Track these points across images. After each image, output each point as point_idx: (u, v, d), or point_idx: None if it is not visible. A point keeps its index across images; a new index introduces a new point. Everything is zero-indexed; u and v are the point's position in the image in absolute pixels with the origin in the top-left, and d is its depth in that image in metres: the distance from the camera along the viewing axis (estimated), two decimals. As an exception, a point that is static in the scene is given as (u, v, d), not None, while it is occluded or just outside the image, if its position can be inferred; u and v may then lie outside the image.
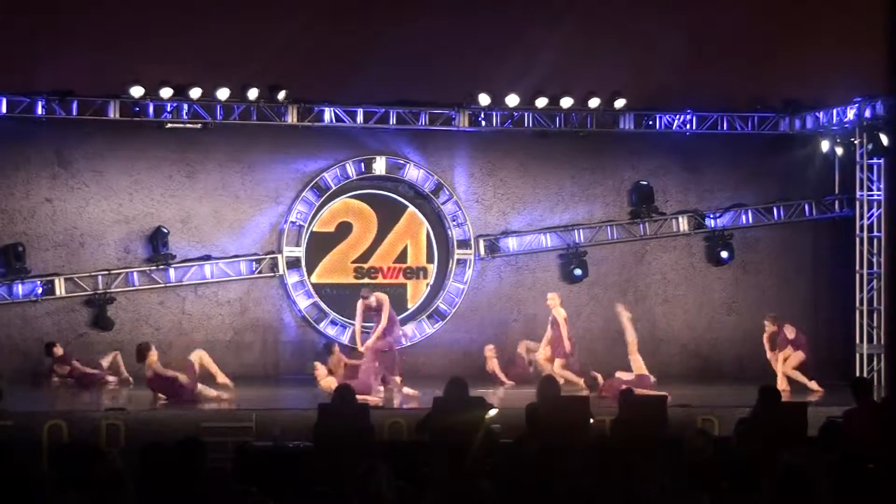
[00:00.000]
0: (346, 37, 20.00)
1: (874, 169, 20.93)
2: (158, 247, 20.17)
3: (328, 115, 20.10)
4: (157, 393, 16.70)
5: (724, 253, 21.81)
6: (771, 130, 21.39)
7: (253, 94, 19.42)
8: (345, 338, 20.26)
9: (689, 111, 21.05)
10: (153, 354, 16.83)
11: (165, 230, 20.23)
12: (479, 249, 21.33)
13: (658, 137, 21.51)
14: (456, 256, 21.24)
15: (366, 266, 21.12)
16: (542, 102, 20.32)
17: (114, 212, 20.28)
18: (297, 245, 20.77)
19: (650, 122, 21.09)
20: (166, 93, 19.02)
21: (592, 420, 13.02)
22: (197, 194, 20.57)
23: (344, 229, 21.16)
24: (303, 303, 20.71)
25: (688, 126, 21.14)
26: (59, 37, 19.08)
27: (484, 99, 20.10)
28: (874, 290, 20.74)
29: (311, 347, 20.29)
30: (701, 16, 20.57)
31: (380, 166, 21.04)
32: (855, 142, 20.85)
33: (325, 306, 20.69)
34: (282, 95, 19.57)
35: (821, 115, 20.99)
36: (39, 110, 19.10)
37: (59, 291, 19.91)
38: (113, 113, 19.33)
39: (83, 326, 20.00)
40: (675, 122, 21.13)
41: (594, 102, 20.41)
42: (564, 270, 21.50)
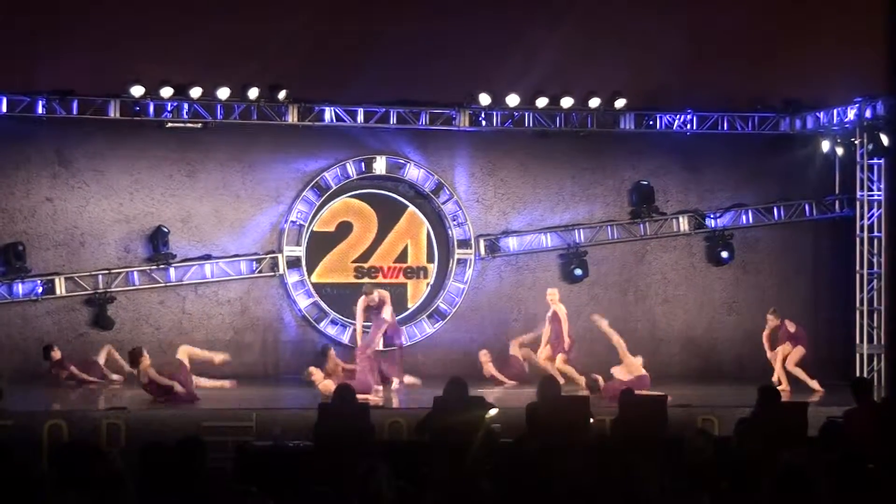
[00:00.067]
0: (347, 36, 20.01)
1: (874, 169, 20.92)
2: (159, 246, 20.17)
3: (328, 114, 20.09)
4: (154, 396, 16.69)
5: (724, 253, 21.80)
6: (771, 130, 21.38)
7: (253, 93, 19.42)
8: (345, 337, 20.26)
9: (689, 111, 21.04)
10: (146, 360, 16.72)
11: (166, 229, 20.23)
12: (479, 249, 21.32)
13: (658, 137, 21.50)
14: (456, 256, 21.23)
15: (366, 266, 21.11)
16: (542, 102, 20.31)
17: (114, 211, 20.28)
18: (298, 244, 20.77)
19: (650, 122, 21.09)
20: (167, 92, 19.02)
21: (592, 420, 13.02)
22: (197, 194, 20.57)
23: (344, 229, 21.15)
24: (303, 302, 20.70)
25: (688, 126, 21.14)
26: (59, 36, 19.08)
27: (484, 99, 20.09)
28: (874, 290, 20.74)
29: (312, 347, 20.30)
30: (701, 16, 20.57)
31: (380, 166, 21.04)
32: (855, 142, 20.84)
33: (325, 306, 20.68)
34: (282, 95, 19.57)
35: (821, 115, 20.98)
36: (40, 109, 19.10)
37: (59, 291, 19.91)
38: (113, 112, 19.33)
39: (83, 326, 20.00)
40: (676, 122, 21.13)
41: (594, 102, 20.40)
42: (565, 270, 21.50)
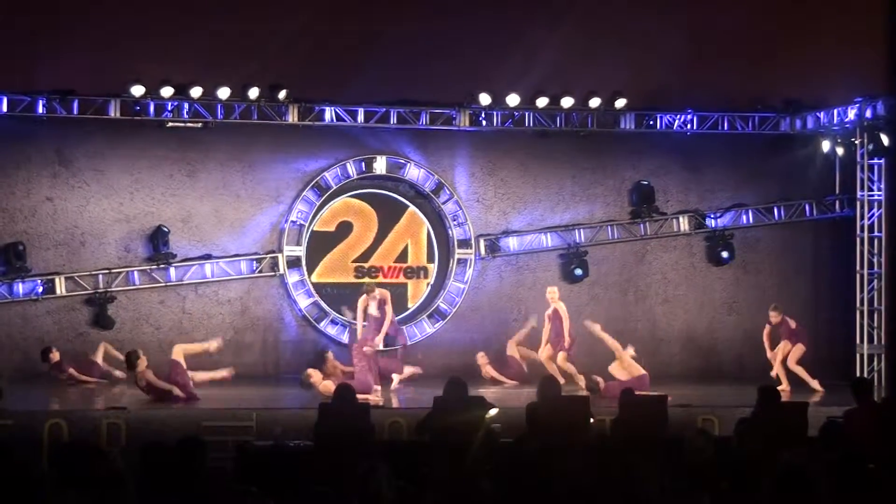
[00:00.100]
0: (347, 36, 20.01)
1: (875, 169, 20.92)
2: (159, 246, 20.17)
3: (329, 114, 20.09)
4: (154, 398, 16.64)
5: (724, 253, 21.80)
6: (772, 130, 21.38)
7: (254, 93, 19.42)
8: (345, 337, 20.25)
9: (689, 111, 21.04)
10: (143, 362, 16.63)
11: (166, 229, 20.23)
12: (479, 249, 21.32)
13: (659, 137, 21.50)
14: (456, 256, 21.23)
15: (366, 265, 21.11)
16: (542, 102, 20.31)
17: (114, 211, 20.28)
18: (298, 244, 20.76)
19: (651, 122, 21.08)
20: (167, 92, 19.02)
21: (593, 420, 13.02)
22: (198, 193, 20.57)
23: (344, 229, 21.16)
24: (303, 302, 20.70)
25: (688, 126, 21.14)
26: (59, 36, 19.09)
27: (485, 98, 20.09)
28: (875, 290, 20.73)
29: (312, 347, 20.30)
30: (701, 16, 20.57)
31: (380, 166, 21.04)
32: (855, 142, 20.84)
33: (325, 305, 20.68)
34: (282, 95, 19.57)
35: (821, 115, 20.98)
36: (40, 109, 19.11)
37: (59, 290, 19.91)
38: (114, 112, 19.33)
39: (84, 325, 20.00)
40: (676, 121, 21.13)
41: (595, 102, 20.40)
42: (565, 270, 21.50)
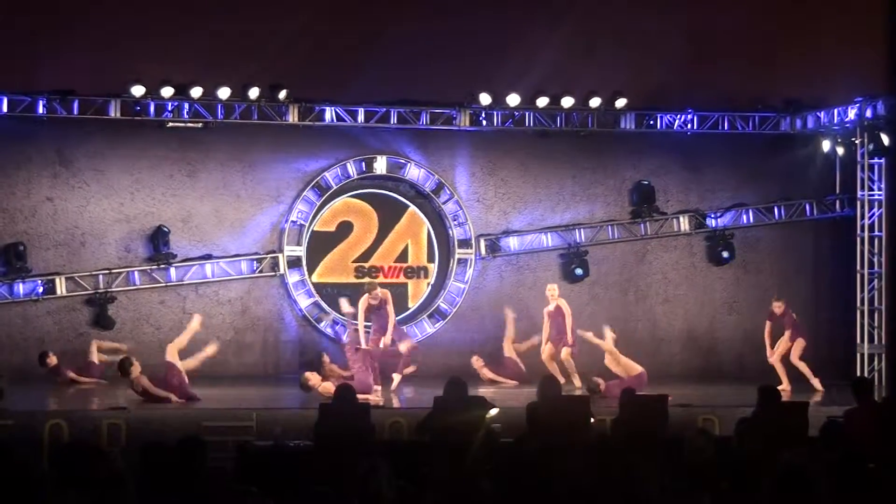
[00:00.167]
0: (347, 36, 20.01)
1: (875, 169, 20.91)
2: (159, 246, 20.17)
3: (329, 114, 20.08)
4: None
5: (724, 252, 21.80)
6: (772, 130, 21.37)
7: (254, 93, 19.41)
8: (345, 337, 20.22)
9: (689, 111, 21.03)
10: (136, 369, 16.49)
11: (166, 229, 20.23)
12: (479, 249, 21.32)
13: (659, 137, 21.50)
14: (457, 256, 21.23)
15: (367, 265, 21.11)
16: (542, 102, 20.30)
17: (115, 211, 20.28)
18: (298, 244, 20.76)
19: (651, 122, 21.08)
20: (167, 92, 19.01)
21: (593, 420, 13.02)
22: (198, 193, 20.57)
23: (345, 229, 21.15)
24: (303, 302, 20.70)
25: (689, 126, 21.13)
26: (59, 36, 19.08)
27: (485, 98, 20.08)
28: (875, 289, 20.73)
29: (312, 347, 20.30)
30: (701, 15, 20.57)
31: (381, 166, 21.04)
32: (856, 141, 20.83)
33: (325, 305, 20.67)
34: (283, 95, 19.56)
35: (822, 114, 20.97)
36: (40, 109, 19.10)
37: (59, 290, 19.91)
38: (114, 112, 19.32)
39: (84, 326, 19.99)
40: (676, 121, 21.12)
41: (595, 102, 20.39)
42: (565, 270, 21.49)
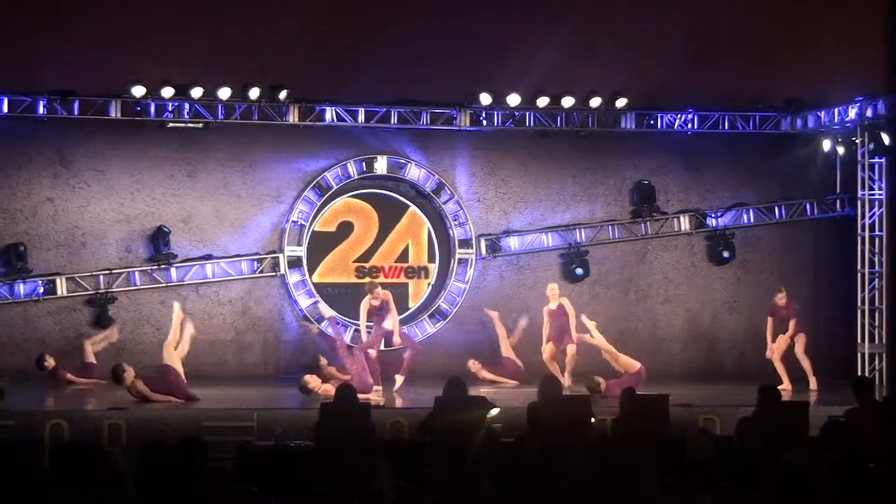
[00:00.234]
0: (347, 36, 20.01)
1: (875, 168, 20.91)
2: (160, 246, 20.16)
3: (329, 114, 20.08)
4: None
5: (725, 252, 21.79)
6: (772, 130, 21.36)
7: (254, 93, 19.40)
8: (346, 337, 20.23)
9: (690, 110, 21.03)
10: (129, 375, 16.37)
11: (167, 229, 20.23)
12: (480, 249, 21.31)
13: (659, 137, 21.50)
14: (457, 256, 21.22)
15: (367, 265, 21.11)
16: (543, 102, 20.29)
17: (115, 211, 20.28)
18: (299, 244, 20.76)
19: (651, 122, 21.07)
20: (167, 92, 19.01)
21: (594, 419, 13.02)
22: (198, 194, 20.57)
23: (345, 229, 21.15)
24: (304, 302, 20.70)
25: (689, 125, 21.12)
26: (60, 36, 19.07)
27: (485, 98, 20.07)
28: (876, 289, 20.72)
29: (313, 347, 20.28)
30: (702, 15, 20.56)
31: (381, 166, 21.03)
32: (856, 141, 20.83)
33: (326, 305, 20.65)
34: (283, 95, 19.55)
35: (822, 114, 20.96)
36: (41, 110, 19.09)
37: (60, 291, 19.91)
38: (114, 112, 19.32)
39: (84, 326, 19.98)
40: (677, 121, 21.11)
41: (595, 102, 20.39)
42: (566, 270, 21.49)
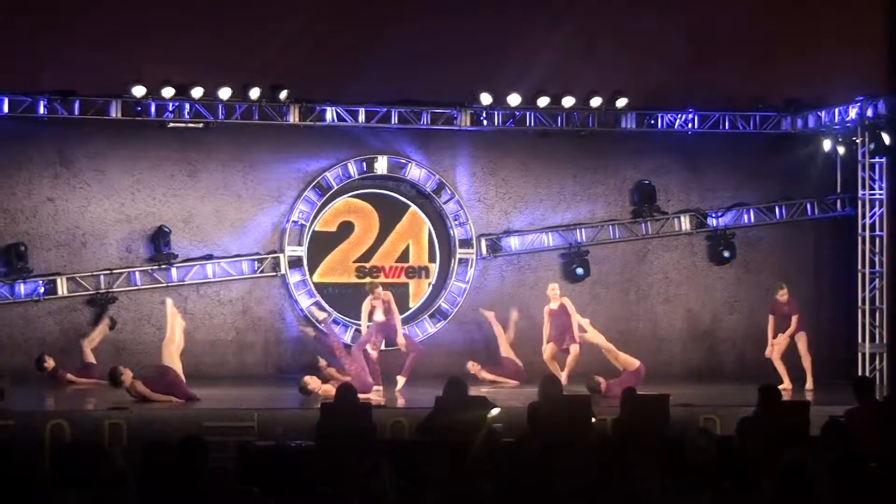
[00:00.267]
0: (348, 36, 20.02)
1: (876, 168, 20.90)
2: (160, 246, 20.16)
3: (330, 114, 20.08)
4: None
5: (726, 252, 21.80)
6: (773, 130, 21.36)
7: (255, 93, 19.40)
8: (347, 337, 20.25)
9: (690, 110, 21.02)
10: (127, 377, 16.27)
11: (167, 229, 20.23)
12: (480, 249, 21.31)
13: (660, 136, 21.50)
14: (458, 256, 21.22)
15: (368, 265, 21.11)
16: (543, 102, 20.28)
17: (116, 211, 20.28)
18: (299, 244, 20.76)
19: (652, 122, 21.07)
20: (168, 92, 19.01)
21: (594, 419, 13.02)
22: (199, 194, 20.57)
23: (346, 229, 21.15)
24: (305, 302, 20.69)
25: (689, 125, 21.12)
26: (60, 36, 19.08)
27: (486, 98, 20.07)
28: (876, 289, 20.71)
29: (313, 348, 20.27)
30: (702, 15, 20.57)
31: (381, 166, 21.03)
32: (857, 141, 20.82)
33: (327, 306, 20.67)
34: (283, 95, 19.55)
35: (822, 114, 20.95)
36: (41, 110, 19.08)
37: (60, 291, 19.91)
38: (115, 112, 19.31)
39: (85, 326, 19.94)
40: (677, 121, 21.11)
41: (596, 102, 20.38)
42: (566, 269, 21.49)
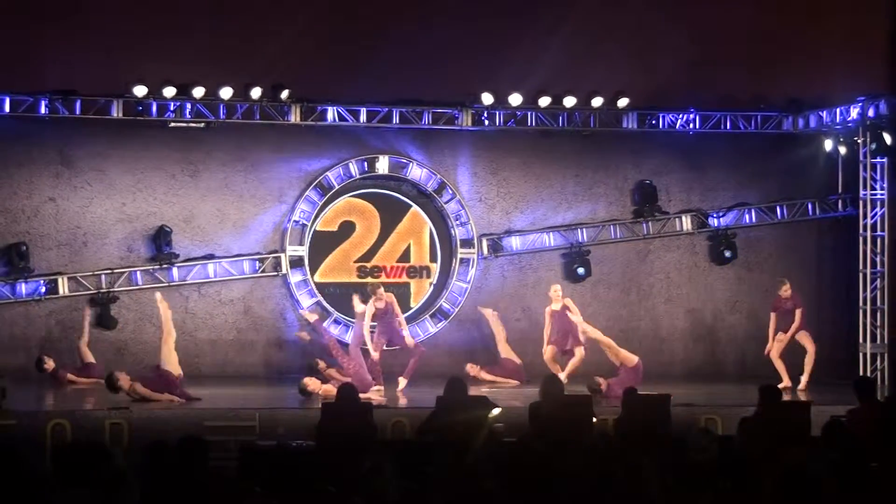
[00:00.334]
0: (349, 36, 20.02)
1: (877, 168, 20.87)
2: (161, 246, 20.16)
3: (331, 114, 20.06)
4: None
5: (727, 252, 21.78)
6: (774, 130, 21.34)
7: (256, 93, 19.38)
8: (347, 337, 20.24)
9: (692, 110, 21.00)
10: (125, 382, 16.24)
11: (168, 229, 20.23)
12: (482, 248, 21.31)
13: (661, 136, 21.48)
14: (459, 255, 21.22)
15: (369, 265, 21.11)
16: (545, 101, 20.26)
17: (117, 211, 20.28)
18: (301, 244, 20.76)
19: (653, 122, 21.04)
20: (169, 92, 18.99)
21: (595, 419, 13.02)
22: (200, 193, 20.57)
23: (347, 228, 21.15)
24: (306, 302, 20.69)
25: (691, 125, 21.10)
26: (61, 36, 19.09)
27: (487, 98, 20.05)
28: (877, 289, 20.70)
29: (314, 347, 20.27)
30: (703, 15, 20.57)
31: (383, 165, 21.03)
32: (858, 141, 20.80)
33: (328, 305, 20.68)
34: (285, 94, 19.54)
35: (824, 114, 20.93)
36: (43, 109, 19.07)
37: (62, 290, 19.91)
38: (116, 112, 19.29)
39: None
40: (679, 121, 21.09)
41: (597, 102, 20.36)
42: (567, 269, 21.48)
